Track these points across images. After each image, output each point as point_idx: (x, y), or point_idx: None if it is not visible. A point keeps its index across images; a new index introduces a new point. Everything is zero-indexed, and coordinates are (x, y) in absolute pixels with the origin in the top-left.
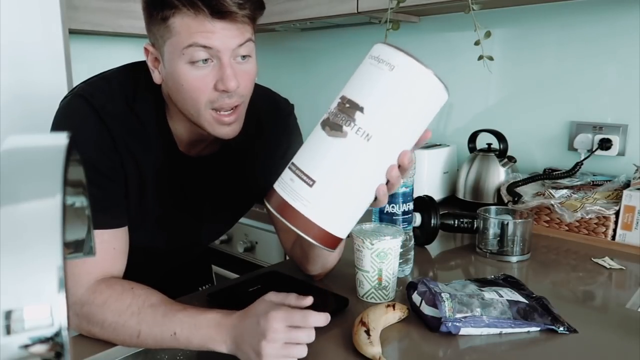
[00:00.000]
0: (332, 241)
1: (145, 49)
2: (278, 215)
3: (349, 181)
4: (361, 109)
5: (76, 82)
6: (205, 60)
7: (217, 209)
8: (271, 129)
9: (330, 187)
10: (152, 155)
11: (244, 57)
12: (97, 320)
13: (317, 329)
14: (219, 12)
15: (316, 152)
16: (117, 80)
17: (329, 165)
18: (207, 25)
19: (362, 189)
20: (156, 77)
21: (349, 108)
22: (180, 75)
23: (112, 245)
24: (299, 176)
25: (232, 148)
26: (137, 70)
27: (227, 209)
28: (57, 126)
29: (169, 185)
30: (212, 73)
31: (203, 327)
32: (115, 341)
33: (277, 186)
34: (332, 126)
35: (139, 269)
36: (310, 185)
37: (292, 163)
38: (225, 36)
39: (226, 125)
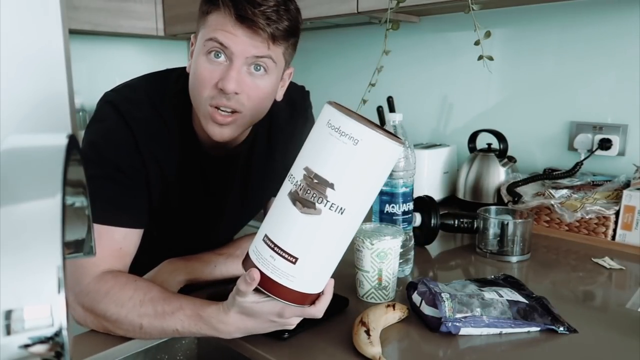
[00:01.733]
0: (310, 300)
1: (191, 41)
2: (261, 289)
3: (330, 252)
4: (331, 185)
5: (76, 82)
6: (218, 54)
7: (241, 205)
8: (292, 124)
9: (313, 262)
10: (175, 156)
11: (257, 68)
12: (100, 310)
13: (317, 328)
14: (241, 17)
15: (292, 229)
16: (142, 88)
17: (308, 242)
18: (229, 26)
19: (340, 253)
20: (188, 67)
21: (318, 184)
22: (196, 64)
23: (119, 245)
24: (279, 254)
25: (255, 146)
26: (164, 78)
27: (251, 205)
28: (88, 131)
29: (193, 184)
30: (220, 70)
31: (204, 329)
32: (120, 332)
33: (257, 261)
34: (304, 203)
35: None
36: (294, 263)
37: (267, 237)
38: (243, 42)
39: (218, 125)
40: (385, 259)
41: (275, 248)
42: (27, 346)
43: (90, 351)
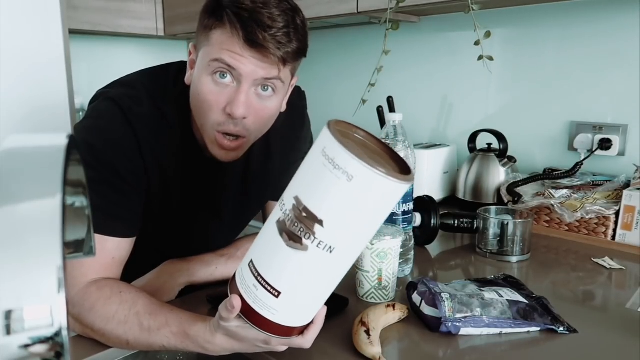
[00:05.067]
0: (298, 331)
1: (190, 50)
2: (243, 317)
3: (317, 290)
4: (320, 222)
5: (76, 82)
6: (224, 75)
7: (240, 209)
8: (290, 126)
9: (297, 298)
10: (176, 158)
11: (265, 89)
12: (87, 323)
13: None
14: (251, 41)
15: (276, 261)
16: (141, 84)
17: (293, 278)
18: (237, 49)
19: (329, 290)
20: (187, 78)
21: (306, 218)
22: (201, 84)
23: (111, 255)
24: (262, 285)
25: (254, 150)
26: (162, 74)
27: (249, 208)
28: (82, 129)
29: (193, 187)
30: (227, 93)
31: (191, 347)
32: (109, 344)
33: (240, 287)
34: (291, 236)
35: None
36: (277, 297)
37: (252, 264)
38: (252, 64)
39: (224, 150)
40: (385, 259)
41: (259, 277)
42: (27, 346)
43: (90, 351)
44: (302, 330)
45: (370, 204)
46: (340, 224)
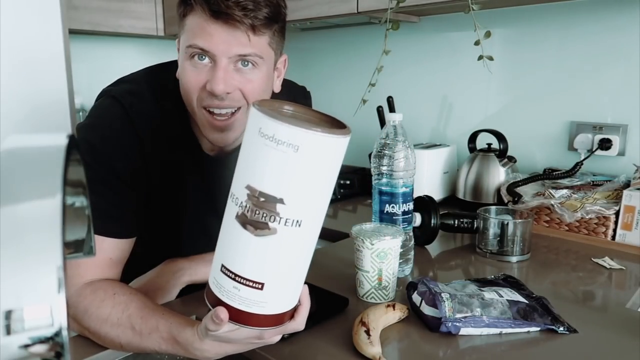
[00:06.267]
0: (288, 316)
1: (177, 45)
2: (233, 323)
3: (297, 267)
4: (281, 200)
5: (76, 81)
6: (202, 57)
7: None
8: None
9: (281, 282)
10: (178, 154)
11: (245, 64)
12: (83, 324)
13: (317, 328)
14: (216, 12)
15: (249, 254)
16: (143, 80)
17: (271, 264)
18: (206, 27)
19: (307, 262)
20: (177, 72)
21: (265, 202)
22: (183, 70)
23: (108, 255)
24: (243, 284)
25: None
26: (165, 73)
27: None
28: (84, 128)
29: (194, 185)
30: (206, 72)
31: (181, 352)
32: (104, 345)
33: (220, 294)
34: (256, 225)
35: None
36: (261, 289)
37: (225, 267)
38: (224, 42)
39: (218, 130)
40: (385, 259)
41: (237, 278)
42: (27, 346)
43: (90, 351)
44: (291, 315)
45: (322, 166)
46: (300, 195)
